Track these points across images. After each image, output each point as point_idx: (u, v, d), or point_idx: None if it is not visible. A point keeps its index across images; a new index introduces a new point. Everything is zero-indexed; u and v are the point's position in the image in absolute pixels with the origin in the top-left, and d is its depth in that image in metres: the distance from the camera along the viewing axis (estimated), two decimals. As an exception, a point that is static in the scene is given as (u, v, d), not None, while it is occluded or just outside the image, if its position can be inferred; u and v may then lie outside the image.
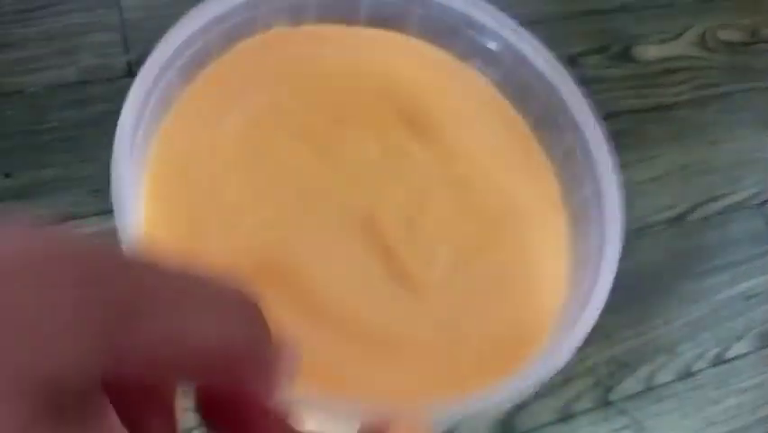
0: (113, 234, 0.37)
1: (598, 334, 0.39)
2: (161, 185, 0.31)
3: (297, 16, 0.36)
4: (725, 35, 0.52)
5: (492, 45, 0.36)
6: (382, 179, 0.33)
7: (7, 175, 0.36)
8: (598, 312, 0.29)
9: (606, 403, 0.38)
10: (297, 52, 0.36)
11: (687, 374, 0.39)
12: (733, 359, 0.40)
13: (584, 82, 0.44)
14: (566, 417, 0.37)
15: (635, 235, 0.42)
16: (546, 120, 0.35)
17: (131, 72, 0.40)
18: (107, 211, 0.36)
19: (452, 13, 0.35)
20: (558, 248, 0.34)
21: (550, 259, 0.33)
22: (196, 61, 0.33)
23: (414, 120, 0.35)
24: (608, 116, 0.46)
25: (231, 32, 0.34)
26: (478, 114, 0.37)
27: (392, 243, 0.32)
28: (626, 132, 0.46)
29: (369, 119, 0.35)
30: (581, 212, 0.34)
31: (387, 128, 0.35)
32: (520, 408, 0.37)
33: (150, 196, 0.31)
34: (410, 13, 0.36)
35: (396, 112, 0.35)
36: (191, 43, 0.32)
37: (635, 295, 0.41)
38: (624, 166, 0.37)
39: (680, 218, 0.44)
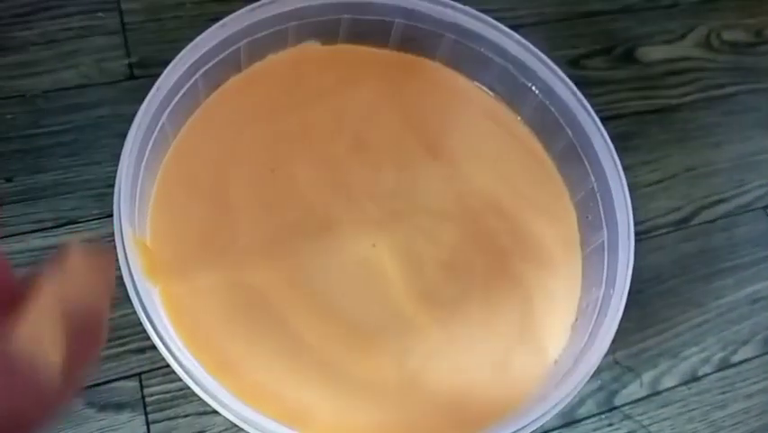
0: (113, 237, 0.37)
1: (603, 338, 0.38)
2: (170, 193, 0.31)
3: (327, 35, 0.35)
4: (729, 36, 0.52)
5: (524, 80, 0.35)
6: (393, 213, 0.33)
7: (8, 179, 0.36)
8: (594, 367, 0.28)
9: (611, 408, 0.37)
10: (326, 73, 0.36)
11: (692, 379, 0.39)
12: (739, 363, 0.40)
13: (588, 84, 0.44)
14: (571, 421, 0.36)
15: (640, 238, 0.41)
16: (570, 157, 0.35)
17: (132, 75, 0.39)
18: (108, 215, 0.36)
19: (483, 42, 0.35)
20: (568, 290, 0.33)
21: (558, 300, 0.33)
22: (222, 71, 0.33)
23: (434, 150, 0.35)
24: (612, 118, 0.46)
25: (260, 45, 0.33)
26: (502, 147, 0.36)
27: (394, 279, 0.31)
28: (631, 134, 0.46)
29: (389, 147, 0.34)
30: (592, 260, 0.34)
31: (406, 158, 0.34)
32: (524, 413, 0.37)
33: (157, 204, 0.31)
34: (441, 39, 0.36)
35: (417, 141, 0.35)
36: (218, 52, 0.32)
37: (640, 298, 0.41)
38: (628, 168, 0.37)
39: (685, 221, 0.44)
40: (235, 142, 0.33)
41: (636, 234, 0.34)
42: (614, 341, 0.39)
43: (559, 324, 0.32)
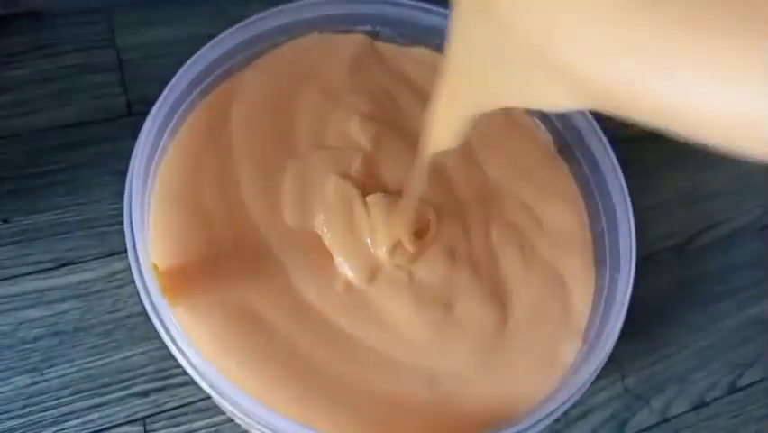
0: (113, 277, 0.36)
1: (612, 365, 0.38)
2: (167, 212, 0.30)
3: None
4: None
5: None
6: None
7: (4, 220, 0.35)
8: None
9: (622, 437, 0.37)
10: (329, 58, 0.36)
11: (701, 404, 0.39)
12: (747, 387, 0.40)
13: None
14: (584, 452, 0.36)
15: (641, 264, 0.41)
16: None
17: (129, 112, 0.39)
18: (107, 255, 0.35)
19: None
20: (587, 270, 0.33)
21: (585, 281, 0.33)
22: (218, 79, 0.33)
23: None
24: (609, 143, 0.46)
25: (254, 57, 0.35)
26: (517, 145, 0.36)
27: None
28: (627, 159, 0.46)
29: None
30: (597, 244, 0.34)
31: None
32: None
33: (156, 222, 0.30)
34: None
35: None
36: (213, 69, 0.32)
37: (645, 324, 0.40)
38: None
39: (683, 245, 0.44)
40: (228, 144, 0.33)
41: (638, 260, 0.34)
42: (622, 368, 0.39)
43: (587, 305, 0.33)
